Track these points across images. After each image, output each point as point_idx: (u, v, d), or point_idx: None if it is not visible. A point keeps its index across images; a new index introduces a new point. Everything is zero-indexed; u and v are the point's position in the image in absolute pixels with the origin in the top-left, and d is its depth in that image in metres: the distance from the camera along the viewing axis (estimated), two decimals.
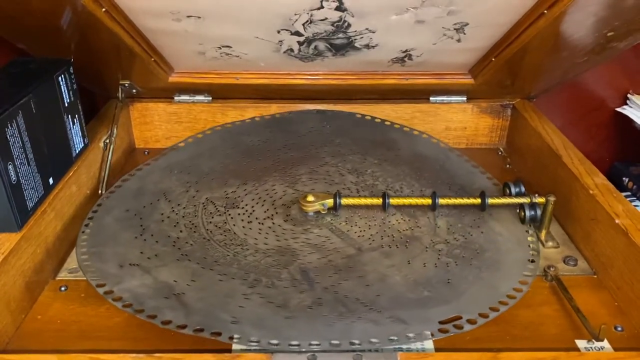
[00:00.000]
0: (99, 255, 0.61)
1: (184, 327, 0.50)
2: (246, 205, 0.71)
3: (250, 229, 0.67)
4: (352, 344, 0.48)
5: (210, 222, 0.68)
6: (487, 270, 0.59)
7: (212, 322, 0.51)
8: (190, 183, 0.75)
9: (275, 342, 0.48)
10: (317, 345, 0.48)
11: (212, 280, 0.58)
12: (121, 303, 0.54)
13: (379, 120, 0.86)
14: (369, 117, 0.87)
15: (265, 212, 0.70)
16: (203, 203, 0.71)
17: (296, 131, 0.85)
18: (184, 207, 0.70)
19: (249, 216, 0.69)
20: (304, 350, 0.47)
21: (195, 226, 0.67)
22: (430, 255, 0.61)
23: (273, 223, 0.68)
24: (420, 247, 0.63)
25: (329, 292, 0.56)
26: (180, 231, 0.66)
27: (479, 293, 0.56)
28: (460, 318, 0.52)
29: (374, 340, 0.49)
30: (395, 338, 0.49)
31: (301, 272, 0.59)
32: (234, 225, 0.67)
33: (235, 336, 0.49)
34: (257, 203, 0.71)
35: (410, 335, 0.50)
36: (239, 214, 0.69)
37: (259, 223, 0.68)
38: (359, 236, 0.65)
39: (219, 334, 0.49)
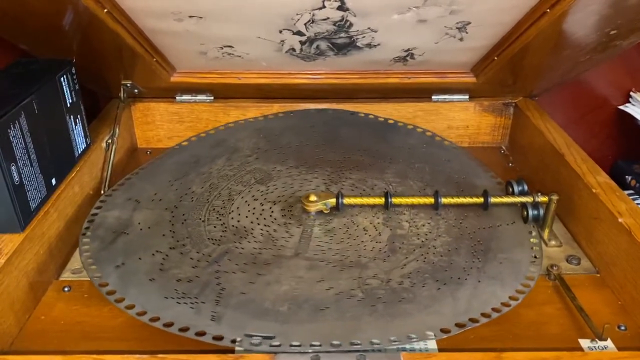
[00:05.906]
0: (130, 186, 0.68)
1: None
2: (273, 185, 0.71)
3: (249, 204, 0.68)
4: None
5: (229, 188, 0.69)
6: (376, 317, 0.51)
7: (102, 261, 0.57)
8: (259, 151, 0.76)
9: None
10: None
11: (159, 232, 0.62)
12: (87, 224, 0.62)
13: (474, 161, 0.77)
14: (470, 157, 0.78)
15: (277, 197, 0.70)
16: (247, 171, 0.72)
17: (393, 142, 0.81)
18: (230, 169, 0.72)
19: (261, 195, 0.69)
20: (307, 351, 0.47)
21: (215, 188, 0.69)
22: (348, 285, 0.56)
23: (269, 209, 0.68)
24: (352, 275, 0.57)
25: (210, 276, 0.56)
26: (202, 187, 0.69)
27: (326, 329, 0.50)
28: (273, 337, 0.49)
29: (170, 323, 0.50)
30: (186, 326, 0.49)
31: (220, 253, 0.60)
32: (241, 198, 0.68)
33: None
34: (282, 187, 0.71)
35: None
36: (257, 191, 0.70)
37: (260, 204, 0.68)
38: (317, 245, 0.62)
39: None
